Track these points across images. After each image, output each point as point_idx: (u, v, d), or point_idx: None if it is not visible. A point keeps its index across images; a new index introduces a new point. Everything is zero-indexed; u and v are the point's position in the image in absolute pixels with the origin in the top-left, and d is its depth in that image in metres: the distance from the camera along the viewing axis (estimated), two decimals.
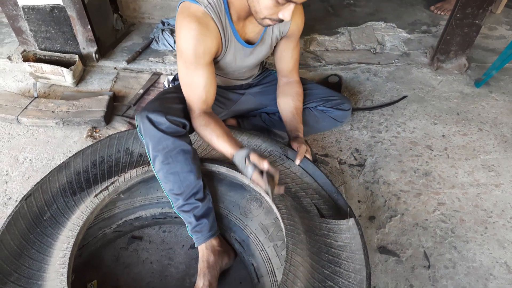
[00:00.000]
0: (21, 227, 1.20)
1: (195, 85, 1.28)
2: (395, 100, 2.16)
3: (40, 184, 1.31)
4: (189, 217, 1.28)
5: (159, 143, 1.21)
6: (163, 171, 1.24)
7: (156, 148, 1.22)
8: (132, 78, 2.24)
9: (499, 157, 1.84)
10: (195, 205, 1.27)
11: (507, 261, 1.44)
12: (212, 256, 1.28)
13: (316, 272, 1.10)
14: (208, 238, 1.30)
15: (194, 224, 1.28)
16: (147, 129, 1.21)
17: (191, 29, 1.18)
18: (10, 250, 1.14)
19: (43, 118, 1.86)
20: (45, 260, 1.15)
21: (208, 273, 1.25)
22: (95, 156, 1.42)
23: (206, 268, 1.26)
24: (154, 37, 2.50)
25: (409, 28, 2.84)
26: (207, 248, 1.29)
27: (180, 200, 1.27)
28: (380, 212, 1.59)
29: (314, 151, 1.83)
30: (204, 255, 1.29)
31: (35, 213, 1.25)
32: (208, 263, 1.27)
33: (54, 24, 2.14)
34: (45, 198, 1.29)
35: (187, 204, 1.27)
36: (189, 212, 1.27)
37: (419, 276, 1.39)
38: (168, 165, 1.22)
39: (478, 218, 1.58)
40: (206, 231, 1.29)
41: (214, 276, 1.26)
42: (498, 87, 2.30)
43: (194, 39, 1.19)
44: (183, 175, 1.24)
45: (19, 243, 1.17)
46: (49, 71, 2.07)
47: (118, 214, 1.43)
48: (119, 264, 1.41)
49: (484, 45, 2.68)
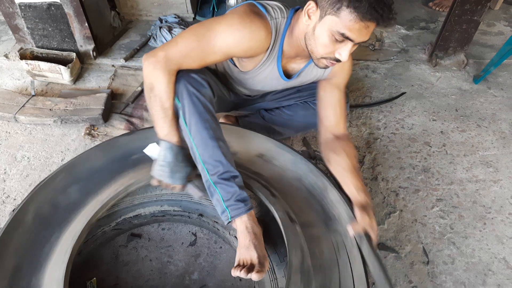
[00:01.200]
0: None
1: (190, 54, 1.17)
2: (393, 96, 2.16)
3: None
4: (231, 186, 1.15)
5: (200, 111, 1.15)
6: (201, 136, 1.15)
7: (195, 113, 1.15)
8: (130, 75, 2.23)
9: (497, 153, 1.85)
10: (235, 174, 1.17)
11: (505, 256, 1.44)
12: (257, 228, 1.16)
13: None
14: (250, 208, 1.16)
15: (237, 193, 1.15)
16: (185, 91, 1.15)
17: (247, 21, 1.13)
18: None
19: (40, 116, 1.85)
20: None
21: (259, 244, 1.11)
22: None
23: (256, 239, 1.12)
24: (151, 34, 2.49)
25: (407, 25, 2.84)
26: (249, 219, 1.15)
27: (220, 167, 1.15)
28: (379, 208, 1.59)
29: (313, 148, 1.83)
30: (248, 227, 1.14)
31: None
32: (256, 235, 1.13)
33: (51, 22, 2.12)
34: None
35: (227, 172, 1.16)
36: (231, 180, 1.16)
37: (418, 272, 1.39)
38: (207, 130, 1.14)
39: (477, 214, 1.58)
40: (248, 201, 1.17)
41: (263, 248, 1.12)
42: (497, 83, 2.30)
43: (239, 35, 1.14)
44: (222, 143, 1.17)
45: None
46: (46, 69, 2.06)
47: (117, 212, 1.42)
48: (118, 262, 1.41)
49: (482, 42, 2.69)
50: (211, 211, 1.45)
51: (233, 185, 1.15)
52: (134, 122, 1.91)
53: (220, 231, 1.44)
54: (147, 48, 2.45)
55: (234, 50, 1.19)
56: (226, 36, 1.15)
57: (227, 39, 1.15)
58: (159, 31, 2.44)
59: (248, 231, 1.13)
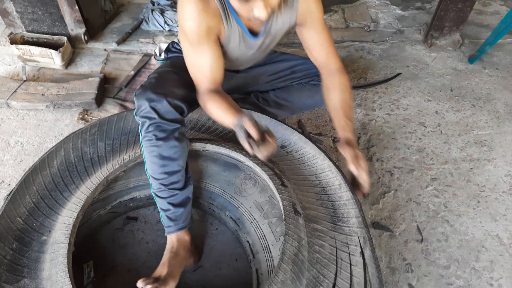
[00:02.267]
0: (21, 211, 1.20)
1: (201, 65, 1.23)
2: (389, 77, 2.15)
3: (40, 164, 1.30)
4: (164, 204, 1.23)
5: (154, 126, 1.19)
6: (149, 151, 1.21)
7: (150, 130, 1.20)
8: (122, 59, 2.20)
9: (492, 132, 1.85)
10: (174, 193, 1.23)
11: (499, 233, 1.46)
12: (182, 250, 1.22)
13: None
14: (181, 228, 1.23)
15: (169, 211, 1.23)
16: (145, 110, 1.19)
17: (192, 6, 1.13)
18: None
19: (33, 102, 1.83)
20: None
21: (174, 265, 1.16)
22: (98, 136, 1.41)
23: (173, 259, 1.18)
24: (144, 17, 2.45)
25: (403, 5, 2.81)
26: (178, 240, 1.23)
27: (158, 184, 1.22)
28: (374, 188, 1.60)
29: (308, 130, 1.83)
30: (173, 247, 1.22)
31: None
32: (177, 256, 1.19)
33: (40, 5, 2.08)
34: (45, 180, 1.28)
35: (165, 191, 1.22)
36: (166, 198, 1.23)
37: (412, 249, 1.41)
38: (156, 147, 1.20)
39: (471, 192, 1.60)
40: (181, 221, 1.24)
41: (177, 270, 1.16)
42: (492, 63, 2.29)
43: (196, 17, 1.14)
44: (167, 161, 1.20)
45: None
46: (37, 54, 2.03)
47: (112, 196, 1.42)
48: (115, 244, 1.42)
49: (478, 21, 2.67)
50: (206, 193, 1.46)
51: (166, 204, 1.23)
52: (128, 107, 1.90)
53: (216, 213, 1.45)
54: (140, 31, 2.42)
55: (209, 34, 1.19)
56: (193, 32, 1.17)
57: (194, 33, 1.17)
58: (151, 14, 2.40)
59: (171, 250, 1.21)
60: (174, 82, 1.28)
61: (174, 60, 1.46)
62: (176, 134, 1.21)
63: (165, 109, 1.19)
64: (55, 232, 1.15)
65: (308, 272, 1.05)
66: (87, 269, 1.31)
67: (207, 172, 1.47)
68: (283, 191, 1.20)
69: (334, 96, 1.33)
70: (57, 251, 1.07)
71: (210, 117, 1.29)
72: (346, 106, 1.30)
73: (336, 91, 1.33)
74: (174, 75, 1.33)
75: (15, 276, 1.07)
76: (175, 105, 1.21)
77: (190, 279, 1.33)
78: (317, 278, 1.05)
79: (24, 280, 1.07)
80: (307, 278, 1.04)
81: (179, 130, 1.22)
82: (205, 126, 1.46)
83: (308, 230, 1.14)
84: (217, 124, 1.46)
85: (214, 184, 1.45)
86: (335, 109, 1.31)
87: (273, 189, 1.22)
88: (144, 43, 2.32)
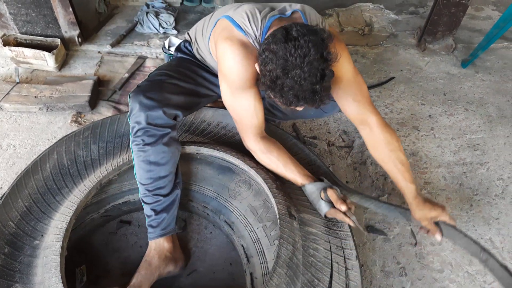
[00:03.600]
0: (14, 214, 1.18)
1: (244, 110, 1.21)
2: (382, 81, 2.16)
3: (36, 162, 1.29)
4: (148, 210, 1.24)
5: (142, 131, 1.19)
6: (137, 156, 1.21)
7: (138, 134, 1.19)
8: (117, 62, 2.19)
9: (484, 136, 1.87)
10: (157, 199, 1.23)
11: (491, 237, 1.47)
12: (156, 259, 1.22)
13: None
14: (161, 235, 1.24)
15: (151, 217, 1.23)
16: (137, 115, 1.18)
17: (236, 53, 1.12)
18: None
19: (26, 104, 1.82)
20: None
21: (144, 275, 1.18)
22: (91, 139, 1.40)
23: (145, 268, 1.20)
24: (138, 20, 2.45)
25: (397, 9, 2.83)
26: (155, 248, 1.24)
27: (144, 189, 1.23)
28: (368, 192, 1.61)
29: (303, 133, 1.83)
30: (149, 254, 1.23)
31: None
32: (149, 264, 1.21)
33: (34, 7, 2.07)
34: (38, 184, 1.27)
35: (149, 196, 1.23)
36: (149, 204, 1.23)
37: (406, 253, 1.41)
38: (143, 152, 1.20)
39: (464, 196, 1.61)
40: (161, 228, 1.24)
41: (148, 280, 1.18)
42: (484, 67, 2.32)
43: (240, 65, 1.13)
44: (154, 166, 1.21)
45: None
46: (30, 56, 2.02)
47: (105, 199, 1.41)
48: (108, 248, 1.40)
49: (471, 26, 2.69)
50: (201, 197, 1.45)
51: (149, 209, 1.23)
52: (122, 109, 1.89)
53: (210, 216, 1.45)
54: (134, 34, 2.41)
55: (251, 79, 1.16)
56: (236, 79, 1.16)
57: (237, 79, 1.16)
58: (146, 17, 2.40)
59: (145, 259, 1.23)
60: (172, 88, 1.27)
61: (180, 62, 1.44)
62: (165, 140, 1.21)
63: (155, 115, 1.19)
64: (48, 236, 1.14)
65: (303, 275, 1.05)
66: (79, 274, 1.29)
67: (202, 175, 1.46)
68: (278, 195, 1.20)
69: (383, 156, 1.24)
70: (50, 256, 1.06)
71: (267, 167, 1.27)
72: (400, 164, 1.22)
73: (384, 150, 1.23)
74: (175, 80, 1.31)
75: (7, 281, 1.05)
76: (168, 111, 1.20)
77: (184, 283, 1.32)
78: (312, 282, 1.05)
79: (16, 285, 1.05)
80: (302, 282, 1.04)
81: (169, 135, 1.22)
82: (199, 129, 1.45)
83: (302, 234, 1.15)
84: (212, 127, 1.46)
85: (209, 187, 1.45)
86: (390, 169, 1.24)
87: (268, 192, 1.22)
88: (138, 45, 2.32)
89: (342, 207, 1.10)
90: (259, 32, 1.14)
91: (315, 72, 0.95)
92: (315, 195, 1.17)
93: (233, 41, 1.12)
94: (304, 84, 0.95)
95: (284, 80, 0.96)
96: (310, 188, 1.18)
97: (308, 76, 0.94)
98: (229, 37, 1.13)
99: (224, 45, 1.13)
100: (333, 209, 1.13)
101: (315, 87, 0.96)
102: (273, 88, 1.00)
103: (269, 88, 1.02)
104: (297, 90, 0.96)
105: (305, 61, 0.94)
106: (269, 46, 0.98)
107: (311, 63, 0.94)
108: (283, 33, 0.97)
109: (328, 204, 1.14)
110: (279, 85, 0.98)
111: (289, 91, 0.97)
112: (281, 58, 0.95)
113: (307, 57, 0.94)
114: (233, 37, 1.13)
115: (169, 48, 2.01)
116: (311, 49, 0.94)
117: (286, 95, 0.98)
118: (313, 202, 1.19)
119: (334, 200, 1.13)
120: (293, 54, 0.94)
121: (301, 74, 0.94)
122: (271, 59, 0.97)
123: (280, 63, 0.95)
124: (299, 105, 1.01)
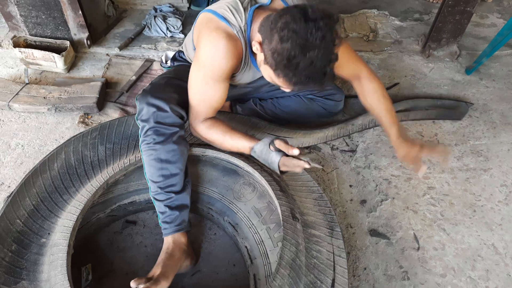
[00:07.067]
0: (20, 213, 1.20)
1: (208, 99, 1.25)
2: (387, 87, 2.17)
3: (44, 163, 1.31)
4: (161, 207, 1.25)
5: (153, 130, 1.22)
6: (147, 155, 1.24)
7: (148, 133, 1.22)
8: (124, 64, 2.22)
9: (488, 142, 1.87)
10: (169, 196, 1.25)
11: (494, 242, 1.47)
12: (177, 251, 1.23)
13: None
14: (177, 230, 1.25)
15: (166, 213, 1.25)
16: (146, 115, 1.21)
17: (220, 46, 1.14)
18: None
19: (34, 104, 1.85)
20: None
21: (167, 266, 1.16)
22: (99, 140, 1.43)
23: (168, 260, 1.19)
24: (146, 23, 2.48)
25: (401, 16, 2.85)
26: (174, 242, 1.24)
27: (155, 187, 1.25)
28: (371, 196, 1.62)
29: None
30: (169, 248, 1.22)
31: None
32: (172, 257, 1.20)
33: (44, 9, 2.11)
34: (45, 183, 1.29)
35: (161, 193, 1.25)
36: (163, 201, 1.25)
37: (409, 257, 1.42)
38: (154, 151, 1.22)
39: (467, 201, 1.61)
40: (175, 223, 1.25)
41: (171, 271, 1.17)
42: (489, 74, 2.32)
43: (221, 57, 1.15)
44: (165, 164, 1.23)
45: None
46: (40, 57, 2.05)
47: (112, 199, 1.43)
48: (113, 248, 1.42)
49: (475, 33, 2.70)
50: (206, 198, 1.47)
51: (163, 207, 1.25)
52: (129, 111, 1.91)
53: (215, 218, 1.46)
54: (142, 37, 2.44)
55: (227, 73, 1.21)
56: (212, 70, 1.19)
57: (213, 71, 1.19)
58: (154, 20, 2.43)
59: (166, 251, 1.22)
60: (176, 88, 1.31)
61: (179, 68, 1.49)
62: (175, 138, 1.23)
63: (165, 114, 1.22)
64: (55, 235, 1.16)
65: (306, 277, 1.06)
66: (85, 272, 1.31)
67: (207, 177, 1.48)
68: (282, 197, 1.21)
69: (370, 104, 1.43)
70: (56, 254, 1.08)
71: (211, 142, 1.31)
72: (383, 109, 1.41)
73: (369, 98, 1.42)
74: (177, 81, 1.35)
75: (14, 278, 1.07)
76: (175, 110, 1.23)
77: (188, 284, 1.34)
78: (314, 283, 1.06)
79: (22, 282, 1.07)
80: (304, 283, 1.05)
81: (178, 134, 1.24)
82: None
83: (305, 236, 1.16)
84: None
85: (213, 189, 1.47)
86: (377, 114, 1.43)
87: (272, 194, 1.23)
88: (146, 48, 2.35)
89: (294, 151, 1.10)
90: (243, 22, 1.17)
91: (329, 54, 0.98)
92: (265, 150, 1.17)
93: (220, 32, 1.15)
94: (318, 65, 0.97)
95: (301, 59, 0.97)
96: (258, 147, 1.19)
97: (322, 58, 0.97)
98: (216, 28, 1.16)
99: (210, 36, 1.16)
100: (285, 157, 1.13)
101: (326, 69, 0.99)
102: (286, 66, 1.00)
103: (280, 67, 1.02)
104: (310, 70, 0.98)
105: (323, 43, 0.96)
106: (288, 25, 0.98)
107: (327, 45, 0.97)
108: (302, 13, 0.98)
109: (279, 153, 1.13)
110: (294, 64, 0.98)
111: (303, 71, 0.99)
112: (302, 38, 0.96)
113: (324, 39, 0.96)
114: (220, 28, 1.16)
115: (166, 62, 2.04)
116: (328, 32, 0.96)
117: (299, 74, 1.00)
118: (265, 159, 1.18)
119: (284, 148, 1.13)
120: (314, 34, 0.95)
121: (318, 55, 0.96)
122: (291, 37, 0.97)
123: (300, 42, 0.96)
124: (306, 86, 1.03)
